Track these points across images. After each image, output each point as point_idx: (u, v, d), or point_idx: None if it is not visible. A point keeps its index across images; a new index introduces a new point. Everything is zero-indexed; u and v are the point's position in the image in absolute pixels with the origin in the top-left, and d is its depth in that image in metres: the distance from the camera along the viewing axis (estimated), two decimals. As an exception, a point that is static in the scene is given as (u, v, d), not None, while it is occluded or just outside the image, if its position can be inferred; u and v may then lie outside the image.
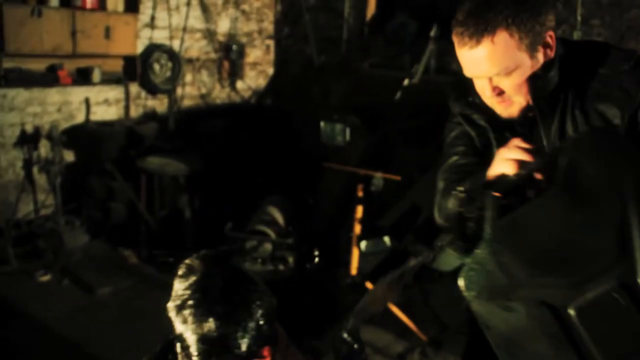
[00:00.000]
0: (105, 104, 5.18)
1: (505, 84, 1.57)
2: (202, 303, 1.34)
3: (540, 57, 1.56)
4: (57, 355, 3.75)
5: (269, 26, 6.37)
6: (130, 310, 4.34)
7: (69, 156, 4.92)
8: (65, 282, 4.44)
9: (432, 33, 5.10)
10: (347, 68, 5.80)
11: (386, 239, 3.67)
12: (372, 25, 5.75)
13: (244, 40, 6.15)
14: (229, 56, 5.96)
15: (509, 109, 1.62)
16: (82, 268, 4.63)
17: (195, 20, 5.71)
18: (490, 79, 1.58)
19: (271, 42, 6.43)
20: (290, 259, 4.04)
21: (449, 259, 3.93)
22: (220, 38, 5.95)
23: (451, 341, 3.72)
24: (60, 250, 4.53)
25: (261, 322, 1.36)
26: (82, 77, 4.83)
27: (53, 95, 4.82)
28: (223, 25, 5.96)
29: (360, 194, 3.64)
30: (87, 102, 5.02)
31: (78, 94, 4.96)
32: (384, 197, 3.79)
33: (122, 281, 4.60)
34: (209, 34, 5.85)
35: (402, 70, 5.31)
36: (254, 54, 6.29)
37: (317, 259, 3.86)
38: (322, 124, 3.67)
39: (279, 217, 4.14)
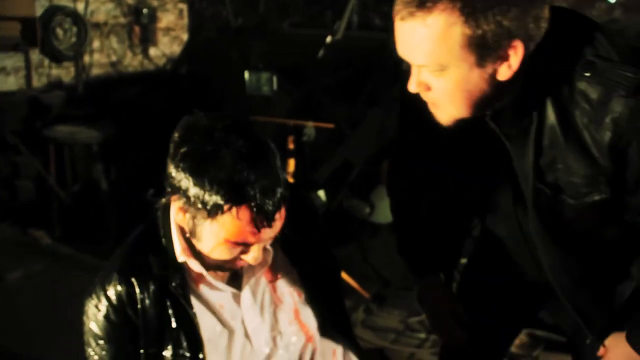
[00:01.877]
0: (2, 73, 4.61)
1: (434, 83, 1.21)
2: (224, 146, 1.19)
3: (493, 70, 1.17)
4: (-38, 348, 3.28)
5: (180, -11, 5.92)
6: (46, 294, 3.89)
7: (-37, 131, 4.34)
8: (-32, 269, 3.93)
9: (354, -13, 4.85)
10: (266, 29, 5.46)
11: (321, 193, 3.40)
12: (290, -17, 5.43)
13: (154, 3, 5.67)
14: (140, 21, 5.47)
15: (439, 114, 1.27)
16: (-12, 253, 4.14)
17: (100, -20, 5.20)
18: (418, 68, 1.21)
19: (184, 6, 5.97)
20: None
21: (387, 211, 3.71)
22: (129, 1, 5.46)
23: (394, 296, 3.55)
24: (-41, 235, 4.00)
25: (283, 180, 1.23)
26: (-28, 42, 4.26)
27: (-61, 63, 4.23)
28: (131, -12, 5.47)
29: (291, 146, 3.34)
30: (-20, 70, 4.45)
31: (-31, 61, 4.38)
32: (317, 147, 3.51)
33: (35, 264, 4.12)
34: (117, -3, 5.35)
35: (324, 28, 5.04)
36: (166, 19, 5.82)
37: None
38: (246, 74, 3.33)
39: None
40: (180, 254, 1.34)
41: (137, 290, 1.35)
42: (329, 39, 4.77)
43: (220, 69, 5.43)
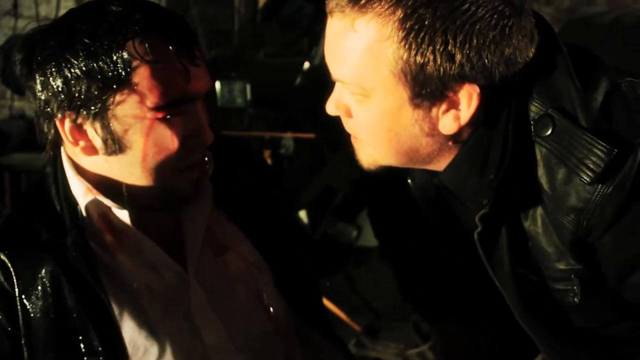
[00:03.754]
0: (-42, 102, 4.17)
1: (355, 109, 0.88)
2: (85, 16, 0.88)
3: (433, 116, 0.84)
4: None
5: (153, 23, 5.58)
6: None
7: None
8: None
9: (330, 13, 4.60)
10: (241, 61, 5.13)
11: (302, 214, 2.98)
12: (265, 13, 5.15)
13: (126, 36, 5.32)
14: (110, 54, 5.10)
15: (358, 151, 0.93)
16: None
17: (68, 11, 4.83)
18: (340, 85, 0.88)
19: (157, 40, 5.63)
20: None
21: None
22: (99, 33, 5.09)
23: (388, 328, 3.13)
24: None
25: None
26: None
27: None
28: (101, 20, 5.11)
29: (268, 161, 2.95)
30: None
31: None
32: (297, 160, 3.12)
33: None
34: (85, 28, 4.98)
35: (301, 56, 4.74)
36: (138, 53, 5.46)
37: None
38: (217, 84, 2.93)
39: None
40: (86, 194, 0.93)
41: (13, 273, 0.89)
42: (306, 65, 4.50)
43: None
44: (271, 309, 1.03)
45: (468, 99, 0.81)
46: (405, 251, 1.35)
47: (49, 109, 0.90)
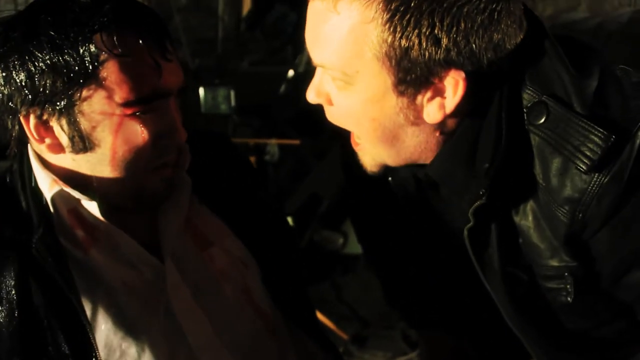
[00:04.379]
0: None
1: (336, 97, 0.83)
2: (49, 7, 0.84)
3: (417, 104, 0.80)
4: None
5: (136, 31, 5.54)
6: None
7: None
8: None
9: (314, 21, 4.60)
10: (225, 69, 5.10)
11: (288, 220, 2.94)
12: (249, 21, 5.13)
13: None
14: (92, 63, 5.04)
15: (362, 157, 0.91)
16: None
17: (49, 19, 4.77)
18: (321, 70, 0.84)
19: (140, 49, 5.59)
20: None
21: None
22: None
23: (375, 336, 3.08)
24: None
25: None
26: None
27: None
28: (83, 29, 5.05)
29: (253, 168, 2.90)
30: None
31: None
32: (282, 167, 3.09)
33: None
34: (67, 37, 4.92)
35: (285, 64, 4.74)
36: (121, 62, 5.41)
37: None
38: (201, 91, 2.89)
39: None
40: (52, 186, 0.88)
41: None
42: (290, 72, 4.49)
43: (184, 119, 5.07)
44: (260, 306, 0.98)
45: (454, 86, 0.78)
46: (389, 253, 1.31)
47: (12, 105, 0.85)
